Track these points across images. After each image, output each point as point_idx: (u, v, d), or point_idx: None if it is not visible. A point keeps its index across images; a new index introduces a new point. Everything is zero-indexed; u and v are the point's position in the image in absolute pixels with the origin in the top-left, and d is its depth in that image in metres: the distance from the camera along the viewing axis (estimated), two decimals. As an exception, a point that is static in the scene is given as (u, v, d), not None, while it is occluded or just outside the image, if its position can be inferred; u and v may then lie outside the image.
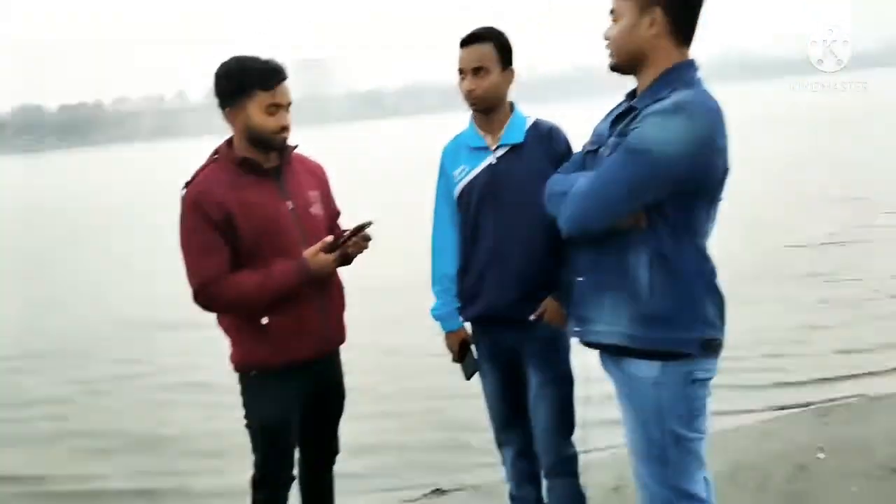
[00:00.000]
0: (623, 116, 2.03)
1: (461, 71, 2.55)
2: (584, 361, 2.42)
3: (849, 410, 4.21)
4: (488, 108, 2.56)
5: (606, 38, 2.04)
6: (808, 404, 4.43)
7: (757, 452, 3.69)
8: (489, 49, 2.53)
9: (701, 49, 2.09)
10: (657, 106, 1.91)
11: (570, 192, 2.01)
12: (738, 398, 4.55)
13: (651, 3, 1.94)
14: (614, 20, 2.02)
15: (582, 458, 2.75)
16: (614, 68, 2.06)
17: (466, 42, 2.54)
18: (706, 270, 2.00)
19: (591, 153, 2.11)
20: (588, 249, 2.07)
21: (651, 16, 1.95)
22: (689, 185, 1.91)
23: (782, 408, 4.45)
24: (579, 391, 2.66)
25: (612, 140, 2.01)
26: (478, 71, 2.51)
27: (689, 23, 1.99)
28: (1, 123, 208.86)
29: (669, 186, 1.90)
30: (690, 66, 2.00)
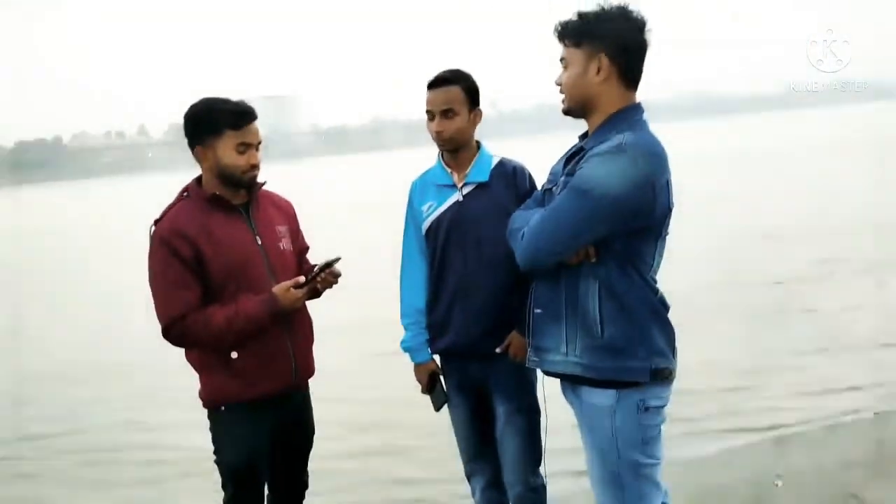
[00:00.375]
0: (574, 157, 2.15)
1: (429, 112, 2.64)
2: (552, 392, 2.48)
3: (805, 438, 4.32)
4: (455, 149, 2.66)
5: (558, 84, 2.17)
6: (769, 428, 4.53)
7: (715, 481, 3.77)
8: (457, 91, 2.63)
9: (654, 88, 2.21)
10: (601, 147, 2.04)
11: (523, 229, 2.12)
12: (696, 428, 4.66)
13: (596, 51, 2.07)
14: (564, 67, 2.15)
15: (550, 489, 2.79)
16: (567, 112, 2.18)
17: (435, 84, 2.64)
18: (654, 302, 2.11)
19: (549, 191, 2.23)
20: (545, 283, 2.17)
21: (597, 63, 2.07)
22: (633, 221, 2.02)
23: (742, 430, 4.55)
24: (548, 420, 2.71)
25: (562, 179, 2.14)
26: (446, 113, 2.61)
27: (634, 68, 2.12)
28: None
29: (612, 223, 2.01)
30: (636, 109, 2.13)
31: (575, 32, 2.10)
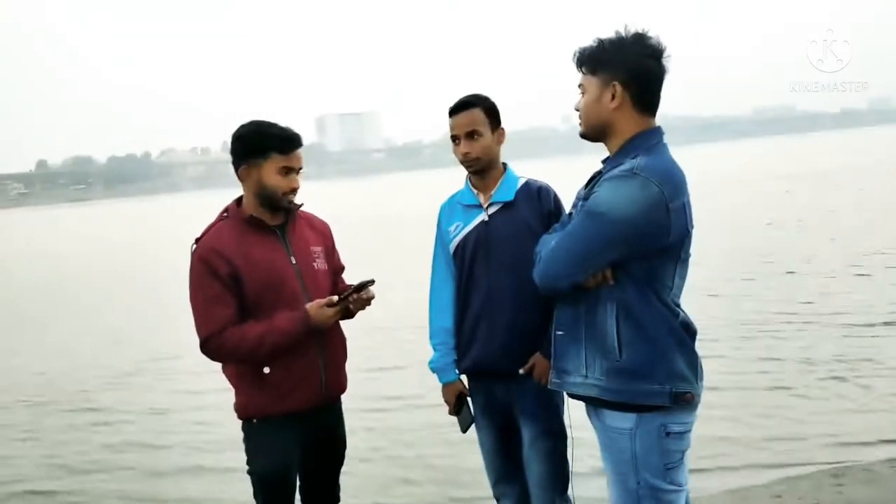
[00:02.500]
0: (592, 180, 2.17)
1: (455, 137, 2.71)
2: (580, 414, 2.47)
3: (863, 474, 4.11)
4: (483, 169, 2.71)
5: (576, 110, 2.21)
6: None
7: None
8: (478, 113, 2.70)
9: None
10: (614, 171, 2.06)
11: (541, 252, 2.14)
12: (749, 456, 4.51)
13: (610, 78, 2.10)
14: (581, 93, 2.19)
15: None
16: (584, 136, 2.22)
17: (456, 109, 2.72)
18: (674, 325, 2.09)
19: (570, 215, 2.27)
20: (566, 305, 2.18)
21: (611, 91, 2.10)
22: (647, 244, 2.02)
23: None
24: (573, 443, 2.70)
25: (579, 203, 2.16)
26: (471, 135, 2.67)
27: (649, 94, 2.13)
28: (54, 174, 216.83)
29: (625, 246, 2.02)
30: (652, 133, 2.14)
31: (591, 60, 2.14)
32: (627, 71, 2.09)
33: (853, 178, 25.07)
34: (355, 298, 2.60)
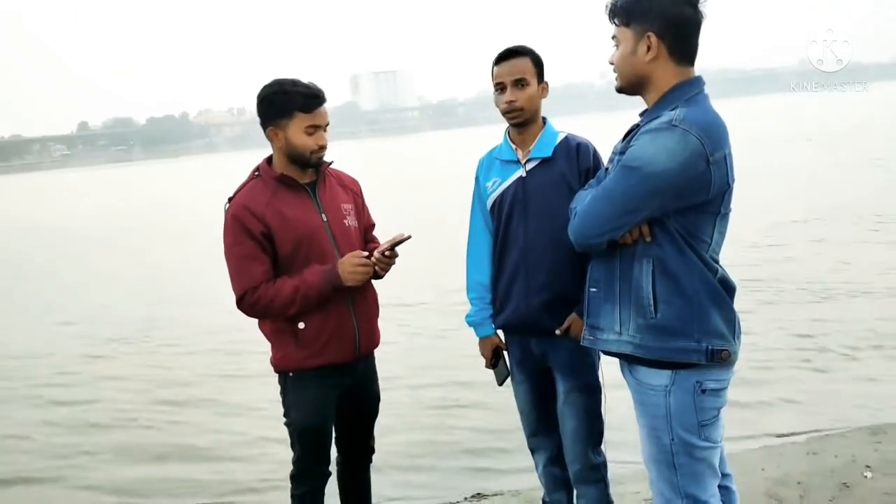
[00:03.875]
0: (629, 134, 2.12)
1: (500, 84, 2.64)
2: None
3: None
4: (525, 121, 2.66)
5: (611, 63, 2.14)
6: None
7: (801, 468, 3.64)
8: (527, 62, 2.64)
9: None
10: (652, 124, 2.00)
11: (576, 208, 2.11)
12: (786, 415, 4.49)
13: (644, 29, 2.03)
14: (615, 45, 2.12)
15: (617, 469, 2.78)
16: (620, 90, 2.15)
17: (505, 57, 2.65)
18: (712, 282, 2.04)
19: (607, 170, 2.21)
20: (601, 262, 2.16)
21: (646, 42, 2.04)
22: (686, 198, 1.97)
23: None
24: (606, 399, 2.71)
25: (616, 157, 2.11)
26: (518, 83, 2.62)
27: (686, 44, 2.06)
28: (94, 135, 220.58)
29: (663, 200, 1.97)
30: (692, 83, 2.06)
31: (624, 11, 2.07)
32: (663, 20, 2.01)
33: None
34: (377, 259, 2.60)
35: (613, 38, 2.13)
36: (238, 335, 7.11)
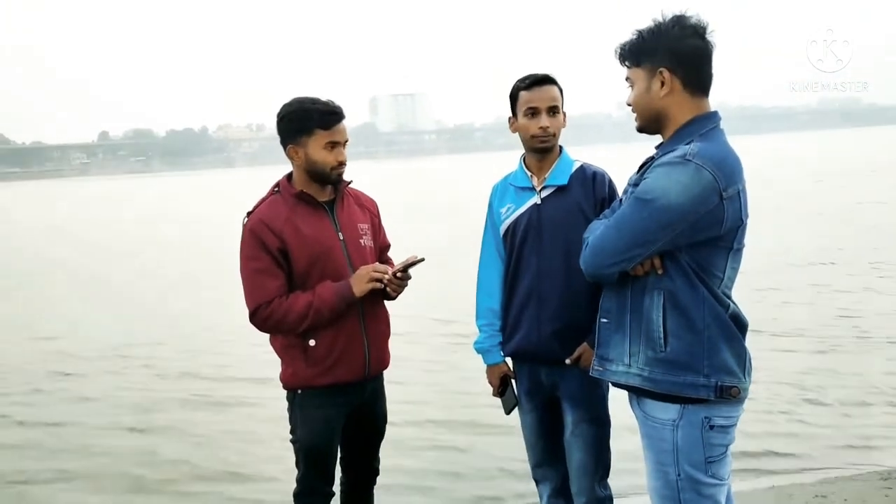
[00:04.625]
0: (644, 166, 2.12)
1: (534, 110, 2.64)
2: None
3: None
4: (549, 148, 2.67)
5: (629, 105, 2.16)
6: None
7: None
8: (557, 91, 2.68)
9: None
10: (666, 157, 2.01)
11: (589, 238, 2.11)
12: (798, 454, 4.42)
13: (656, 66, 2.05)
14: (630, 87, 2.14)
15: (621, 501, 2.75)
16: (641, 130, 2.17)
17: (539, 83, 2.67)
18: (723, 317, 2.03)
19: (621, 201, 2.21)
20: (613, 293, 2.15)
21: (659, 78, 2.05)
22: (699, 232, 1.97)
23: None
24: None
25: (630, 189, 2.12)
26: (553, 109, 2.65)
27: (699, 74, 2.07)
28: (115, 145, 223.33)
29: (675, 234, 1.97)
30: (708, 118, 2.07)
31: (632, 54, 2.10)
32: (672, 54, 2.03)
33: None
34: (388, 280, 2.60)
35: (627, 79, 2.15)
36: (216, 359, 7.18)
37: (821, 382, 5.79)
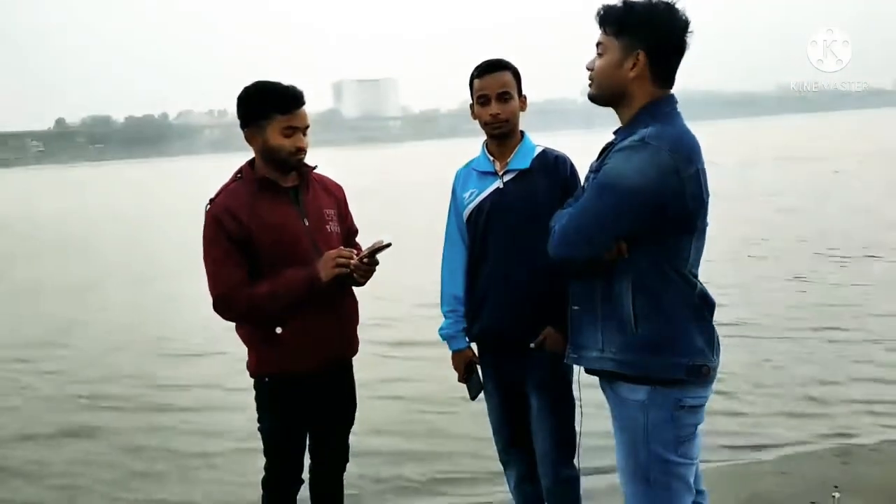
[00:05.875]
0: (604, 152, 2.13)
1: (484, 97, 2.66)
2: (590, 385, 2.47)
3: (869, 451, 4.12)
4: (506, 133, 2.68)
5: (589, 69, 2.14)
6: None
7: (771, 487, 3.67)
8: (509, 76, 2.67)
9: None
10: (625, 142, 2.02)
11: (554, 227, 2.12)
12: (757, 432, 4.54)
13: (635, 45, 2.04)
14: (599, 53, 2.12)
15: (590, 482, 2.78)
16: (593, 99, 2.15)
17: (488, 69, 2.67)
18: (691, 298, 2.06)
19: (584, 188, 2.22)
20: (582, 280, 2.16)
21: (633, 58, 2.04)
22: (661, 214, 1.98)
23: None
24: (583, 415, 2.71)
25: (591, 176, 2.13)
26: (503, 96, 2.64)
27: (669, 68, 2.08)
28: (72, 132, 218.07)
29: (638, 217, 1.99)
30: (667, 101, 2.09)
31: (617, 21, 2.06)
32: (655, 41, 2.02)
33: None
34: (355, 266, 2.57)
35: (598, 45, 2.11)
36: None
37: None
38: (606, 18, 2.08)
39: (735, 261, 9.69)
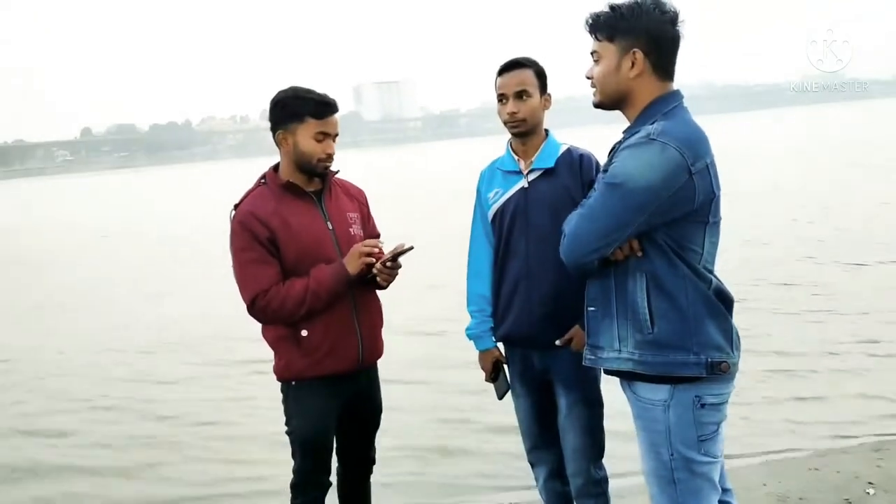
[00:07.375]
0: (613, 151, 2.13)
1: (503, 96, 2.66)
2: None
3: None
4: (527, 132, 2.67)
5: (589, 78, 2.14)
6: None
7: (802, 484, 3.62)
8: (530, 74, 2.66)
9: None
10: (631, 139, 2.01)
11: (566, 230, 2.12)
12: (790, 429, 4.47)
13: (630, 46, 2.04)
14: (595, 61, 2.12)
15: (618, 483, 2.77)
16: (598, 106, 2.16)
17: (507, 68, 2.67)
18: (707, 293, 2.04)
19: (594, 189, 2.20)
20: (597, 280, 2.15)
21: (630, 58, 2.04)
22: (672, 210, 1.97)
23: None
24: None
25: (600, 176, 2.12)
26: (520, 94, 2.64)
27: (668, 60, 2.07)
28: (98, 140, 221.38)
29: (649, 214, 1.97)
30: (671, 97, 2.08)
31: (607, 27, 2.07)
32: (649, 37, 2.02)
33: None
34: (379, 269, 2.59)
35: (593, 53, 2.12)
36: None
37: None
38: (596, 25, 2.10)
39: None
